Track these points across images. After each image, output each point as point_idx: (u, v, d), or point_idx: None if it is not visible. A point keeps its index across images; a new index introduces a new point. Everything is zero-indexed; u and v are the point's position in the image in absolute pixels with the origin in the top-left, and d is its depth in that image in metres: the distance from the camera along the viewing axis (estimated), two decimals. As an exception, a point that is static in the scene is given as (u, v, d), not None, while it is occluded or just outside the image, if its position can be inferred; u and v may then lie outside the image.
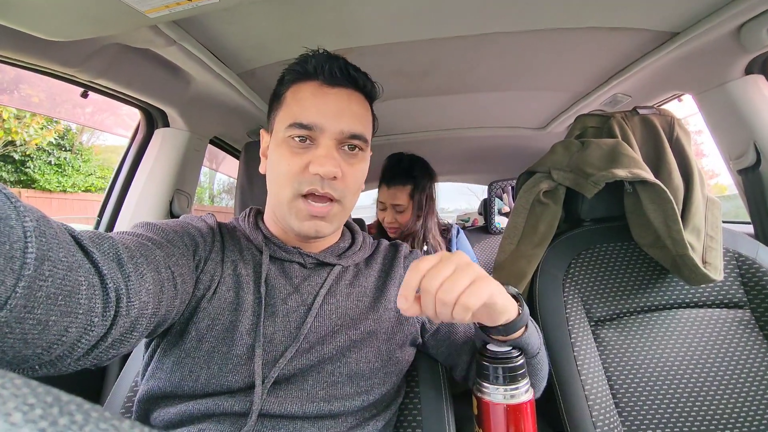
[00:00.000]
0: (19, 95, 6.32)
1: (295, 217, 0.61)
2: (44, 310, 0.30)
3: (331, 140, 0.60)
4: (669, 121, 0.99)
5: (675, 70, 1.09)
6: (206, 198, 13.19)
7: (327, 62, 0.61)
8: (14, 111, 7.13)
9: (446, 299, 0.44)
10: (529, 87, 1.34)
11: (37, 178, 9.58)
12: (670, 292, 0.91)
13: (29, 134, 7.67)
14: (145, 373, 0.59)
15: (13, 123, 7.47)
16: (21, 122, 7.56)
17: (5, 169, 9.25)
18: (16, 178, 9.43)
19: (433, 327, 0.70)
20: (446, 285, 0.44)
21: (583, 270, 0.93)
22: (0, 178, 9.15)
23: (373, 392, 0.61)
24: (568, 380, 0.82)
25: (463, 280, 0.45)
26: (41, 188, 9.65)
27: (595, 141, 0.95)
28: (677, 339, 0.86)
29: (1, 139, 7.82)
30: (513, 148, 2.07)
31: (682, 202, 0.90)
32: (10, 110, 7.09)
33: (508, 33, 0.97)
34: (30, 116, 7.47)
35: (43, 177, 9.67)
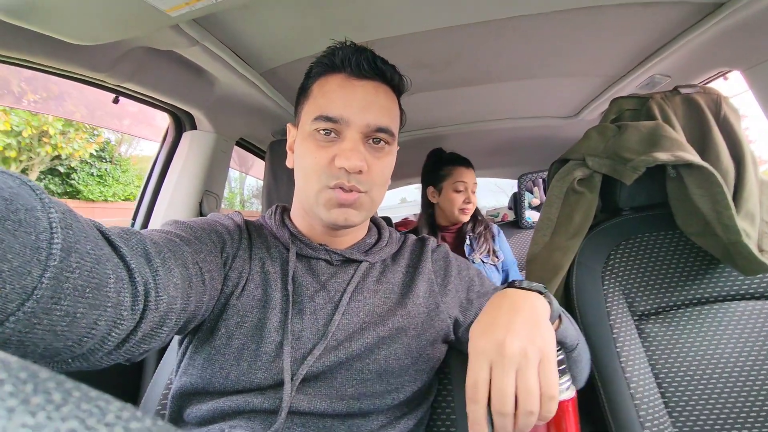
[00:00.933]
0: (63, 110, 6.70)
1: (323, 206, 0.60)
2: (72, 302, 0.30)
3: (357, 133, 0.59)
4: (715, 99, 0.92)
5: (720, 45, 1.01)
6: (237, 203, 13.56)
7: (354, 54, 0.60)
8: (60, 127, 7.56)
9: (531, 409, 0.40)
10: (558, 73, 1.29)
11: (81, 189, 10.14)
12: (722, 284, 0.84)
13: (73, 148, 8.12)
14: (179, 369, 0.60)
15: (59, 139, 7.94)
16: (66, 137, 8.01)
17: (53, 181, 9.85)
18: (63, 190, 10.01)
19: (467, 321, 0.68)
20: (522, 398, 0.40)
21: (624, 261, 0.88)
22: (48, 190, 9.72)
23: (403, 390, 0.60)
24: (611, 378, 0.77)
25: (531, 378, 0.41)
26: (85, 198, 10.20)
27: (633, 124, 0.89)
28: (732, 334, 0.80)
29: (48, 155, 8.32)
30: (543, 139, 2.00)
31: (733, 186, 0.83)
32: (56, 127, 7.52)
33: (532, 15, 0.93)
34: (74, 131, 7.90)
35: (87, 188, 10.22)
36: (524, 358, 0.42)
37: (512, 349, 0.42)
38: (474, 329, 0.48)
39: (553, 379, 0.42)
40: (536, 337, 0.44)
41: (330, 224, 0.61)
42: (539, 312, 0.48)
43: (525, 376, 0.41)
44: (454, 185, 1.53)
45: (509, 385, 0.40)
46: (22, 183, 0.29)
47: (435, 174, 1.58)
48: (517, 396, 0.40)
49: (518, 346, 0.42)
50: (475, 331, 0.47)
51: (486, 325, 0.46)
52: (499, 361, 0.42)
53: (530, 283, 0.54)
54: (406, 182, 3.02)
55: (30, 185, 0.29)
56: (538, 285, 0.54)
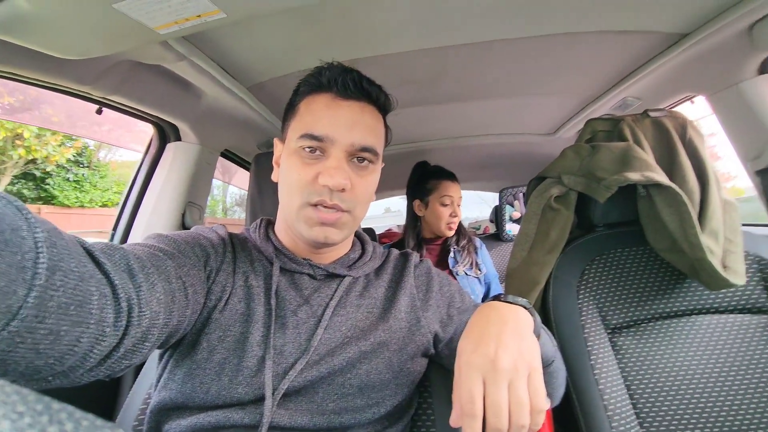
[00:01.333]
0: (40, 115, 6.53)
1: (304, 224, 0.60)
2: (56, 320, 0.30)
3: (342, 152, 0.60)
4: (681, 123, 0.98)
5: (686, 71, 1.08)
6: (219, 210, 13.36)
7: (341, 75, 0.61)
8: (35, 130, 7.36)
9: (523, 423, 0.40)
10: (538, 92, 1.34)
11: (56, 194, 9.84)
12: (690, 298, 0.88)
13: (48, 152, 7.90)
14: (158, 384, 0.59)
15: (33, 142, 7.71)
16: (41, 140, 7.79)
17: (27, 186, 9.53)
18: (37, 195, 9.69)
19: (447, 336, 0.69)
20: (514, 411, 0.41)
21: (598, 276, 0.91)
22: (21, 194, 9.43)
23: (384, 404, 0.60)
24: (585, 389, 0.80)
25: (522, 392, 0.41)
26: (60, 204, 9.89)
27: (606, 145, 0.94)
28: (698, 346, 0.84)
29: (22, 158, 8.07)
30: (523, 155, 2.06)
31: (698, 205, 0.88)
32: (31, 129, 7.32)
33: (514, 39, 0.97)
34: (50, 134, 7.69)
35: (62, 193, 9.92)
36: (515, 371, 0.42)
37: (504, 363, 0.42)
38: (464, 343, 0.48)
39: (542, 391, 0.43)
40: (524, 351, 0.45)
41: (310, 242, 0.62)
42: (525, 325, 0.50)
43: (516, 389, 0.42)
44: (441, 199, 1.55)
45: (504, 399, 0.41)
46: (8, 203, 0.30)
47: (421, 187, 1.60)
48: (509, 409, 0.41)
49: (509, 359, 0.43)
50: (466, 345, 0.47)
51: (477, 339, 0.47)
52: (493, 375, 0.42)
53: (515, 297, 0.55)
54: (390, 194, 3.05)
55: (15, 205, 0.30)
56: (523, 300, 0.55)
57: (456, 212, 1.56)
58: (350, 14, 0.82)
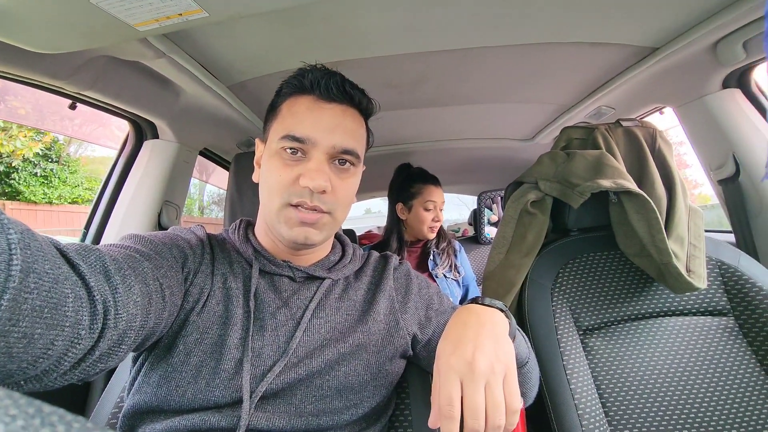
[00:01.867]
0: (5, 107, 6.24)
1: (284, 224, 0.60)
2: (30, 323, 0.30)
3: (323, 154, 0.60)
4: (651, 133, 1.02)
5: (656, 83, 1.13)
6: (196, 209, 13.07)
7: (323, 77, 0.61)
8: (1, 123, 7.04)
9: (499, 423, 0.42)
10: (517, 99, 1.37)
11: (22, 189, 9.41)
12: (656, 301, 0.92)
13: (15, 146, 7.57)
14: (132, 387, 0.58)
15: (0, 135, 7.37)
16: (7, 134, 7.45)
17: (-11, 180, 9.09)
18: (1, 190, 9.26)
19: (425, 338, 0.70)
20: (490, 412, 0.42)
21: (571, 279, 0.94)
22: (-17, 189, 8.98)
23: (362, 405, 0.61)
24: (557, 389, 0.82)
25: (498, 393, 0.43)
26: (26, 200, 9.47)
27: (580, 152, 0.97)
28: (663, 347, 0.88)
29: (-15, 151, 7.69)
30: (501, 159, 2.10)
31: (665, 212, 0.92)
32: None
33: (494, 47, 0.99)
34: (17, 128, 7.37)
35: (29, 189, 9.50)
36: (492, 374, 0.44)
37: (481, 365, 0.44)
38: (442, 345, 0.49)
39: (516, 392, 0.44)
40: (500, 353, 0.47)
41: (290, 242, 0.62)
42: (501, 328, 0.51)
43: (492, 391, 0.43)
44: (425, 204, 1.55)
45: (481, 402, 0.42)
46: None
47: (405, 191, 1.59)
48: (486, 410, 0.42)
49: (486, 362, 0.44)
50: (444, 347, 0.49)
51: (455, 342, 0.48)
52: (470, 377, 0.43)
53: (492, 300, 0.57)
54: (371, 195, 3.06)
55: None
56: (499, 303, 0.57)
57: (438, 217, 1.58)
58: (334, 17, 0.82)
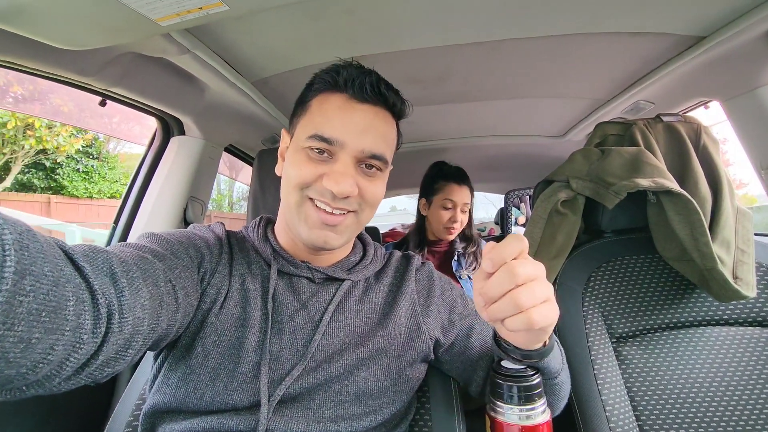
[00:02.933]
0: (50, 105, 6.60)
1: (304, 223, 0.59)
2: (26, 327, 0.29)
3: (350, 157, 0.58)
4: (695, 129, 0.95)
5: (701, 75, 1.05)
6: (225, 205, 13.44)
7: (358, 76, 0.59)
8: (45, 120, 7.45)
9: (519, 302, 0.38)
10: (547, 94, 1.31)
11: (65, 184, 9.95)
12: (698, 309, 0.86)
13: (59, 143, 7.99)
14: (152, 386, 0.58)
15: (44, 132, 7.80)
16: (52, 131, 7.88)
17: (37, 175, 9.65)
18: (47, 185, 9.81)
19: (448, 342, 0.68)
20: (523, 290, 0.39)
21: (604, 283, 0.89)
22: (32, 184, 9.55)
23: (381, 412, 0.59)
24: (587, 400, 0.78)
25: (540, 292, 0.40)
26: (69, 194, 10.01)
27: (616, 149, 0.91)
28: (706, 359, 0.81)
29: (33, 148, 8.16)
30: (530, 157, 2.03)
31: (710, 214, 0.86)
32: (41, 120, 7.40)
33: (525, 39, 0.95)
34: (60, 125, 7.78)
35: (71, 184, 10.03)
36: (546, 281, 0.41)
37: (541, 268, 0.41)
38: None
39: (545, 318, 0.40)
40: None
41: (309, 244, 0.60)
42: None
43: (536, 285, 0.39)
44: (443, 202, 1.50)
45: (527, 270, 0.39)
46: None
47: (430, 187, 1.56)
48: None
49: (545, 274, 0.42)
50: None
51: None
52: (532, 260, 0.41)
53: None
54: (396, 192, 3.03)
55: None
56: None
57: (456, 217, 1.50)
58: (356, 10, 0.80)
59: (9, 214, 0.30)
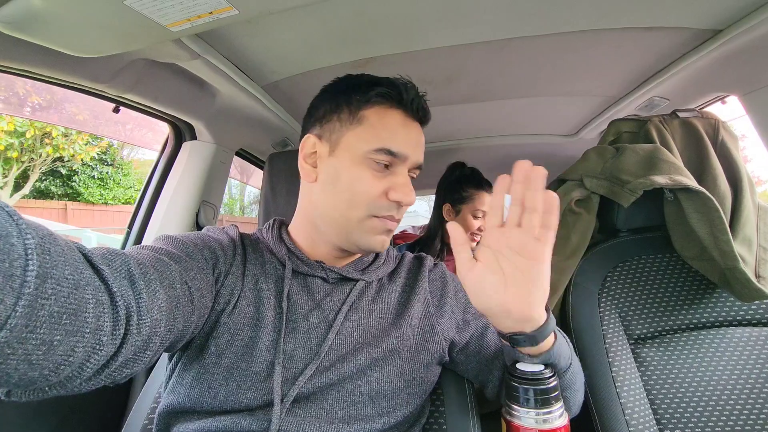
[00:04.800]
0: (66, 113, 6.74)
1: (368, 233, 0.62)
2: (48, 330, 0.29)
3: (406, 169, 0.63)
4: (713, 124, 0.93)
5: (718, 70, 1.02)
6: (237, 209, 13.58)
7: (417, 97, 0.64)
8: (62, 129, 7.62)
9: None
10: (559, 92, 1.30)
11: (81, 191, 10.16)
12: (719, 309, 0.83)
13: (75, 150, 8.17)
14: (167, 386, 0.59)
15: (61, 140, 7.98)
16: (68, 139, 8.06)
17: (54, 183, 9.88)
18: (63, 191, 10.03)
19: (463, 342, 0.67)
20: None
21: (621, 283, 0.87)
22: (49, 191, 9.78)
23: (394, 413, 0.59)
24: (606, 403, 0.76)
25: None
26: (85, 201, 10.22)
27: (631, 146, 0.90)
28: (729, 360, 0.79)
29: (50, 156, 8.36)
30: (542, 156, 2.00)
31: (730, 211, 0.83)
32: (58, 128, 7.58)
33: (534, 37, 0.94)
34: (76, 133, 7.95)
35: (87, 190, 10.24)
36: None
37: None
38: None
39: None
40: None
41: (365, 249, 0.64)
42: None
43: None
44: (475, 211, 1.45)
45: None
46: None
47: (456, 193, 1.50)
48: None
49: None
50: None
51: None
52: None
53: None
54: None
55: (7, 210, 0.29)
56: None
57: (484, 225, 1.46)
58: (365, 12, 0.80)
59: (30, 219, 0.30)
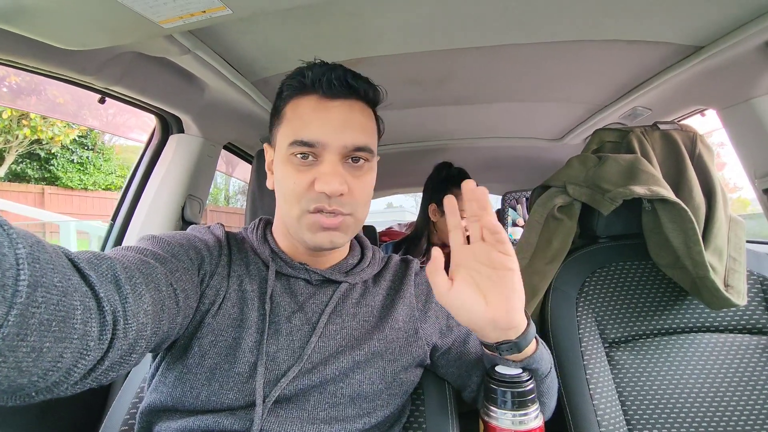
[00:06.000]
0: (45, 96, 6.53)
1: (307, 230, 0.59)
2: (38, 337, 0.29)
3: (335, 155, 0.58)
4: (691, 137, 0.96)
5: (698, 84, 1.06)
6: (222, 199, 13.39)
7: (325, 74, 0.58)
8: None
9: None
10: (546, 98, 1.32)
11: (60, 175, 9.88)
12: (690, 315, 0.87)
13: (54, 132, 7.92)
14: (150, 384, 0.59)
15: (39, 122, 7.73)
16: (47, 121, 7.81)
17: (31, 166, 9.57)
18: (41, 175, 9.74)
19: (445, 346, 0.68)
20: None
21: (598, 288, 0.90)
22: (26, 174, 9.48)
23: (375, 414, 0.60)
24: (579, 405, 0.79)
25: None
26: (63, 185, 9.94)
27: (613, 156, 0.92)
28: (696, 364, 0.83)
29: (27, 138, 8.09)
30: (528, 159, 2.04)
31: (703, 222, 0.87)
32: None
33: (523, 45, 0.95)
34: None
35: (66, 175, 9.96)
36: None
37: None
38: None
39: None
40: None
41: (315, 247, 0.61)
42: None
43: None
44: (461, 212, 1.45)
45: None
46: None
47: (441, 192, 1.48)
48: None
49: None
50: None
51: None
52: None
53: None
54: (393, 192, 3.04)
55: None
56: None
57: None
58: (358, 14, 0.80)
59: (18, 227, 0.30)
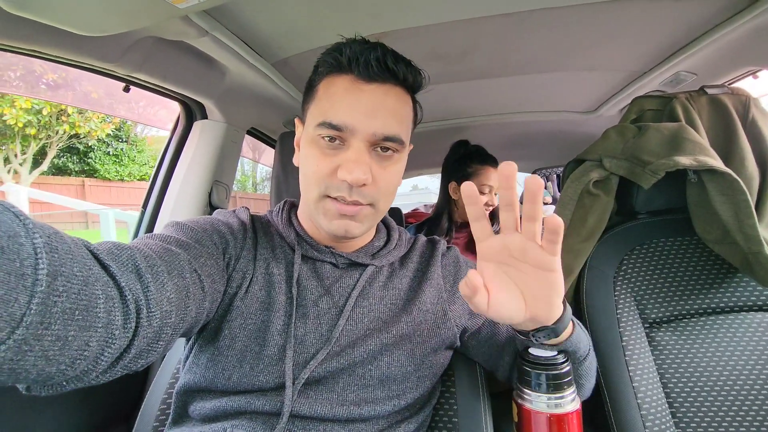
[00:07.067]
0: (81, 91, 6.78)
1: (323, 216, 0.58)
2: (62, 326, 0.30)
3: (363, 142, 0.55)
4: (743, 101, 0.88)
5: (751, 42, 0.96)
6: (249, 186, 13.70)
7: (362, 53, 0.55)
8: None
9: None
10: (579, 67, 1.24)
11: (97, 167, 10.35)
12: (739, 294, 0.81)
13: (90, 127, 8.28)
14: (185, 365, 0.60)
15: (77, 117, 8.08)
16: (83, 116, 8.15)
17: (71, 159, 10.07)
18: (81, 168, 10.23)
19: (474, 327, 0.67)
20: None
21: (638, 267, 0.86)
22: (67, 167, 9.99)
23: (405, 396, 0.59)
24: (618, 387, 0.76)
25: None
26: (102, 177, 10.42)
27: (655, 125, 0.86)
28: (746, 346, 0.77)
29: (66, 132, 8.48)
30: (560, 134, 1.95)
31: (756, 193, 0.80)
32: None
33: (554, 8, 0.89)
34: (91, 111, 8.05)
35: (103, 167, 10.43)
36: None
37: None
38: None
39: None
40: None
41: (330, 234, 0.59)
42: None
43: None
44: (480, 187, 1.44)
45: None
46: (4, 209, 0.29)
47: (460, 170, 1.50)
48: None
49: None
50: None
51: None
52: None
53: None
54: (418, 173, 2.99)
55: (13, 211, 0.29)
56: None
57: (492, 201, 1.48)
58: None
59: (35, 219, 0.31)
